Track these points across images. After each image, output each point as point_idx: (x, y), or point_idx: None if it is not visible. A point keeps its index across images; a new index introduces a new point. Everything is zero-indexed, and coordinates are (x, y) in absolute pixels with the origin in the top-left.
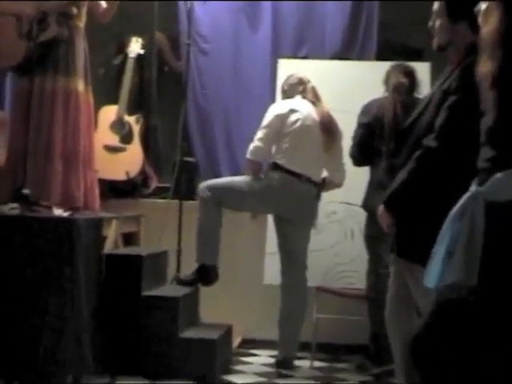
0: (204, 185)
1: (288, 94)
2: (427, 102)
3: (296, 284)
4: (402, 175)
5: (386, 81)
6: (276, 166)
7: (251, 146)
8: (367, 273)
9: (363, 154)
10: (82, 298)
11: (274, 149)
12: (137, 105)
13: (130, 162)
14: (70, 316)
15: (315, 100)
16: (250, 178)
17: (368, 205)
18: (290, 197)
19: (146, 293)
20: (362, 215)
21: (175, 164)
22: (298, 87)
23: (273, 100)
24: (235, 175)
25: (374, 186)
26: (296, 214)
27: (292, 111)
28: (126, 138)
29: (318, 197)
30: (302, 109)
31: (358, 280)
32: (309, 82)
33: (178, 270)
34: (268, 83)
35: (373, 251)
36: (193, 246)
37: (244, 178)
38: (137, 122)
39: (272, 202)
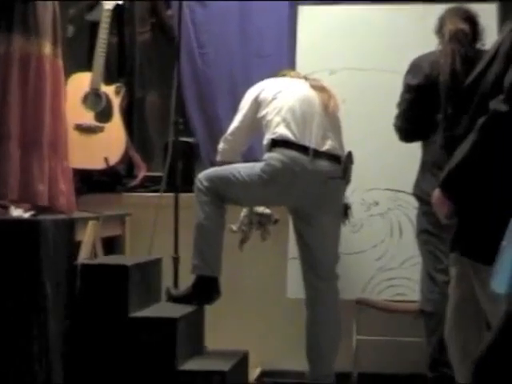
0: (202, 174)
1: None
2: (494, 53)
3: (323, 300)
4: (463, 149)
5: (440, 29)
6: (273, 143)
7: (219, 146)
8: (421, 280)
9: (413, 125)
10: (51, 320)
11: (264, 127)
12: (117, 71)
13: (109, 145)
14: (36, 344)
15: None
16: (251, 164)
17: (421, 191)
18: (300, 181)
19: (134, 314)
20: (412, 205)
21: (168, 146)
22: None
23: (291, 61)
24: (246, 158)
25: (427, 167)
26: (312, 203)
27: (267, 86)
28: (104, 115)
29: (344, 177)
30: (279, 81)
31: (409, 290)
32: (292, 71)
33: (176, 283)
34: (285, 39)
35: (428, 251)
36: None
37: (246, 164)
38: (117, 93)
39: (278, 191)
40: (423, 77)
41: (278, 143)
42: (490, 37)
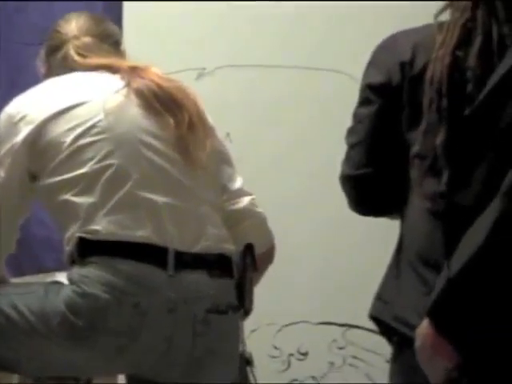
0: None
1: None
2: None
3: None
4: (476, 231)
5: None
6: (85, 248)
7: None
8: None
9: (379, 171)
10: None
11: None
12: None
13: None
14: None
15: (109, 61)
16: (41, 285)
17: (392, 316)
18: (150, 324)
19: None
20: None
21: None
22: (55, 53)
23: None
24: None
25: (408, 263)
26: (178, 368)
27: (43, 99)
28: None
29: (242, 306)
30: (68, 85)
31: None
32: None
33: None
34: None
35: None
36: None
37: (31, 285)
38: None
39: (105, 348)
40: (391, 76)
41: (97, 247)
42: None
